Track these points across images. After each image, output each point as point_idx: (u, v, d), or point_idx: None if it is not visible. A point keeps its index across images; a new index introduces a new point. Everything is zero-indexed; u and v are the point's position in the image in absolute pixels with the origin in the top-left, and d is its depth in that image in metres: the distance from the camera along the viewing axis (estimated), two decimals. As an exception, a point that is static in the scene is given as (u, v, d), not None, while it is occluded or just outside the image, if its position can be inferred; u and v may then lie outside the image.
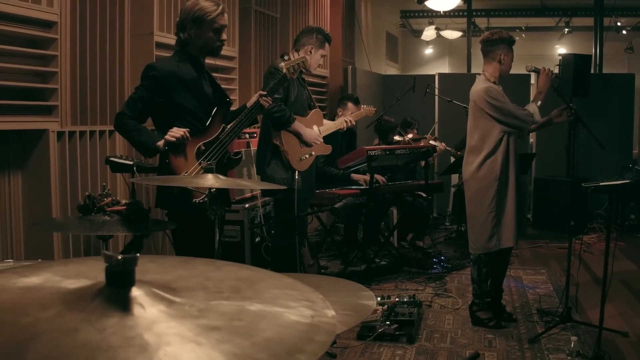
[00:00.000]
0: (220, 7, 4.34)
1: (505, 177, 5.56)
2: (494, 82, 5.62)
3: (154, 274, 1.29)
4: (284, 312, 1.19)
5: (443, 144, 9.37)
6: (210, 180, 3.20)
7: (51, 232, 4.84)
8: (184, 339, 1.03)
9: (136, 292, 1.13)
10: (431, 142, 8.88)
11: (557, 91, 6.00)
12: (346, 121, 6.44)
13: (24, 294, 1.16)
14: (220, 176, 3.31)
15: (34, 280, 1.25)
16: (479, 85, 5.61)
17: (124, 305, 1.09)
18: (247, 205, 6.49)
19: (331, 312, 1.22)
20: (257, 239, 6.61)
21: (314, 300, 1.27)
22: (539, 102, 5.66)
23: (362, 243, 8.25)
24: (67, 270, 1.32)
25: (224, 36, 4.42)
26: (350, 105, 8.04)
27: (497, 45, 5.66)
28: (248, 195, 6.82)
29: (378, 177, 7.69)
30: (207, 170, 3.37)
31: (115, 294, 1.11)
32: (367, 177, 7.78)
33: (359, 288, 2.24)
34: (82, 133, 5.15)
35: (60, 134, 4.95)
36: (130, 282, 1.13)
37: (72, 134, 5.06)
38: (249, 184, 4.00)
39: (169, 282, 1.26)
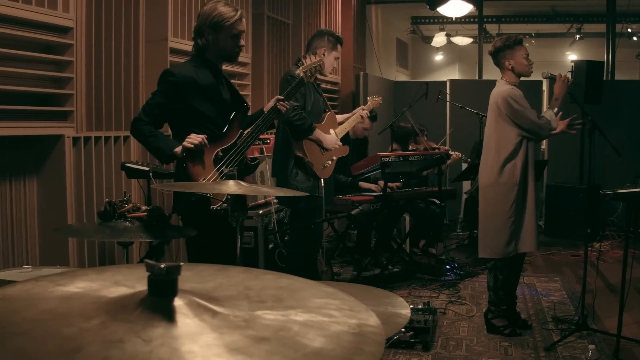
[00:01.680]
0: (239, 12, 4.29)
1: (524, 182, 5.53)
2: (515, 86, 5.59)
3: (192, 282, 1.27)
4: (330, 322, 1.16)
5: (456, 152, 9.34)
6: (232, 187, 3.17)
7: (66, 238, 4.83)
8: (233, 351, 0.99)
9: (179, 301, 1.11)
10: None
11: (573, 98, 5.97)
12: (362, 115, 6.45)
13: (64, 304, 1.14)
14: (242, 183, 3.28)
15: (71, 289, 1.22)
16: (501, 88, 5.57)
17: (169, 315, 1.06)
18: (260, 212, 6.45)
19: (377, 321, 1.19)
20: (270, 245, 6.57)
21: (358, 310, 1.24)
22: (556, 109, 5.64)
23: (374, 249, 8.21)
24: (103, 278, 1.29)
25: (242, 42, 4.38)
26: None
27: (498, 54, 5.66)
28: (262, 201, 6.78)
29: (391, 183, 7.68)
30: (229, 177, 3.33)
31: (159, 303, 1.09)
32: (375, 185, 7.76)
33: (391, 296, 2.20)
34: (97, 138, 5.14)
35: (75, 140, 4.94)
36: (173, 291, 1.11)
37: (87, 139, 5.05)
38: (272, 191, 3.95)
39: (209, 291, 1.23)
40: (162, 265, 1.09)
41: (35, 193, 4.89)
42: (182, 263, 1.11)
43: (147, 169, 4.80)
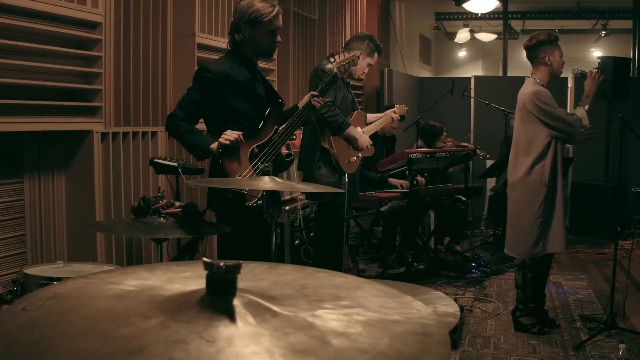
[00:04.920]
0: (276, 8, 4.28)
1: (553, 183, 5.47)
2: (543, 86, 5.51)
3: (246, 281, 1.24)
4: (393, 321, 1.13)
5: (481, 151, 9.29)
6: (268, 183, 3.15)
7: (94, 234, 4.82)
8: (300, 353, 0.96)
9: (237, 301, 1.08)
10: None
11: (604, 95, 5.89)
12: (393, 117, 6.46)
13: (119, 302, 1.11)
14: (277, 179, 3.26)
15: (124, 287, 1.20)
16: (529, 88, 5.50)
17: (229, 315, 1.03)
18: (287, 208, 6.42)
19: (438, 320, 1.16)
20: (296, 242, 6.54)
21: (418, 309, 1.20)
22: (587, 106, 5.56)
23: (400, 246, 8.17)
24: (155, 276, 1.27)
25: (279, 38, 4.37)
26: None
27: (539, 48, 5.55)
28: (287, 197, 6.75)
29: (418, 177, 7.63)
30: (264, 173, 3.31)
31: (218, 302, 1.06)
32: (404, 181, 7.72)
33: (438, 296, 2.17)
34: (125, 134, 5.13)
35: (104, 135, 4.93)
36: (232, 290, 1.08)
37: (115, 134, 5.04)
38: (305, 187, 3.93)
39: (265, 289, 1.20)
40: (222, 264, 1.06)
41: (64, 188, 4.89)
42: (240, 262, 1.08)
43: (175, 164, 4.78)
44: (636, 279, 7.64)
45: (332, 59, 4.86)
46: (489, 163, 9.77)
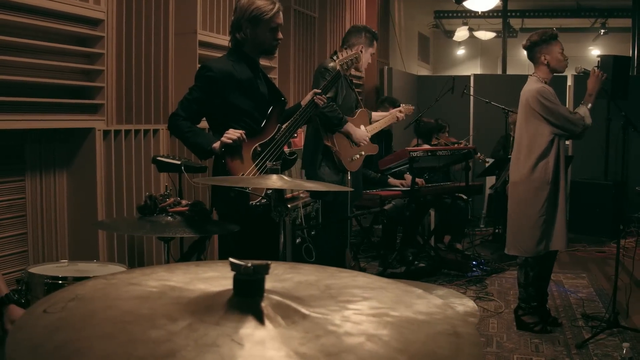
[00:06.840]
0: (277, 5, 4.26)
1: (556, 180, 5.46)
2: (545, 83, 5.50)
3: (270, 281, 1.21)
4: (422, 322, 1.11)
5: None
6: (277, 182, 3.12)
7: (96, 233, 4.79)
8: (335, 357, 0.94)
9: (265, 302, 1.06)
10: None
11: (606, 93, 5.88)
12: (397, 117, 6.43)
13: (143, 304, 1.09)
14: (285, 177, 3.24)
15: (146, 288, 1.17)
16: (532, 86, 5.49)
17: (258, 316, 1.01)
18: (288, 206, 6.40)
19: (467, 321, 1.14)
20: (297, 240, 6.52)
21: (444, 308, 1.19)
22: (590, 105, 5.54)
23: (400, 245, 8.15)
24: (176, 277, 1.25)
25: (280, 35, 4.35)
26: (391, 109, 8.01)
27: (533, 49, 5.56)
28: (288, 195, 6.73)
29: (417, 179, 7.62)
30: (273, 171, 3.28)
31: (246, 304, 1.04)
32: (404, 181, 7.70)
33: (453, 294, 2.15)
34: (127, 132, 5.10)
35: (106, 133, 4.90)
36: (260, 291, 1.06)
37: (117, 132, 5.01)
38: (313, 185, 3.91)
39: (290, 290, 1.18)
40: (249, 264, 1.04)
41: (66, 186, 4.86)
42: (269, 262, 1.06)
43: (178, 162, 4.75)
44: (637, 277, 7.62)
45: (334, 57, 4.84)
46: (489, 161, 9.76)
